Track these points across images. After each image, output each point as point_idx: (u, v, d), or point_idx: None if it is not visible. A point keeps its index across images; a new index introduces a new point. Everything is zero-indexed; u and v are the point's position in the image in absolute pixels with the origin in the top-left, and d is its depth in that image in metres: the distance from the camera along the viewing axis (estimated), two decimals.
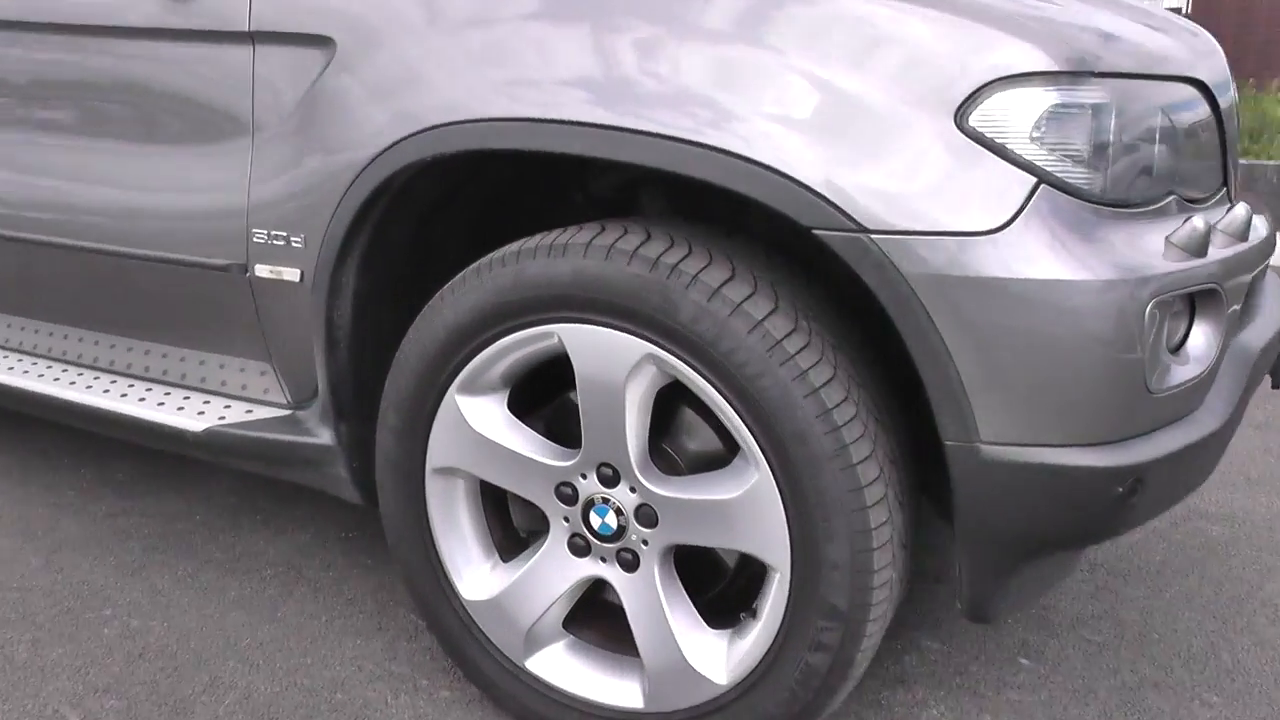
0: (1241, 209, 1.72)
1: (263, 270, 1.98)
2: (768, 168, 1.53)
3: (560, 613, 1.91)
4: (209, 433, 2.14)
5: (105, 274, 2.29)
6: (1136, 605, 2.35)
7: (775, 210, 1.54)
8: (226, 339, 2.18)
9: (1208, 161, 1.82)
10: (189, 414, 2.20)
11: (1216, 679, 2.10)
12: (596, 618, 1.97)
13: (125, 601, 2.36)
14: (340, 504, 2.79)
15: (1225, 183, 1.88)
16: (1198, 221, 1.58)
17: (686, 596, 1.83)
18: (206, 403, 2.22)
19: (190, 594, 2.40)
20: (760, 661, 1.72)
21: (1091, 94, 1.53)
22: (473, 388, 1.83)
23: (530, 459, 1.81)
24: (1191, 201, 1.75)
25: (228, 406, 2.20)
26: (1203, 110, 1.77)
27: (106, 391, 2.31)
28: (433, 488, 1.92)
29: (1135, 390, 1.55)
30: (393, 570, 2.50)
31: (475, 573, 1.95)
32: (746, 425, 1.61)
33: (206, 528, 2.72)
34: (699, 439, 1.84)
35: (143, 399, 2.26)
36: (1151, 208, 1.62)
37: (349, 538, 2.67)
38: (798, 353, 1.58)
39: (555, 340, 1.72)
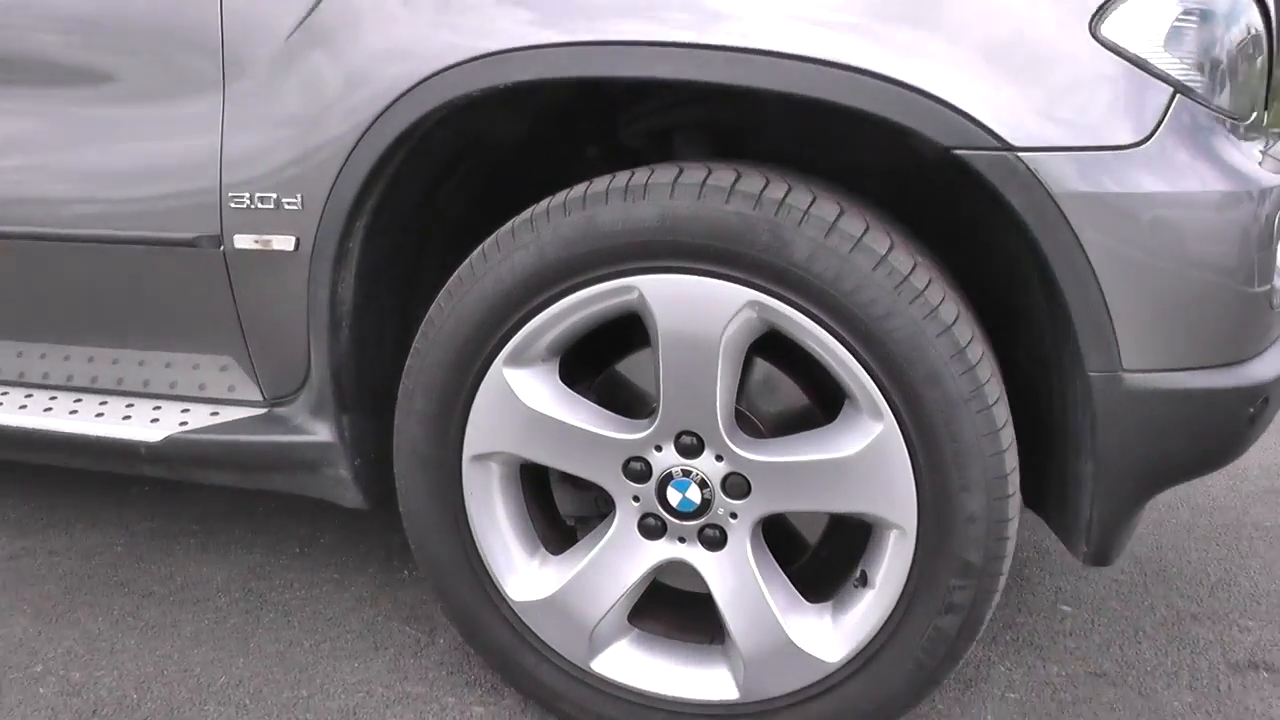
0: None
1: (244, 241, 1.66)
2: (907, 86, 1.36)
3: (628, 605, 1.68)
4: (169, 442, 1.79)
5: (27, 263, 1.90)
6: (1144, 541, 2.35)
7: (911, 132, 1.38)
8: (182, 333, 1.83)
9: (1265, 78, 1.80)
10: (138, 423, 1.84)
11: (1244, 604, 2.11)
12: (658, 606, 1.77)
13: (57, 653, 1.97)
14: (286, 516, 2.48)
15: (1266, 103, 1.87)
16: None
17: (781, 571, 1.66)
18: (157, 409, 1.86)
19: (135, 635, 2.02)
20: (879, 632, 1.56)
21: (1213, 1, 1.46)
22: (522, 359, 1.58)
23: (595, 434, 1.58)
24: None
25: (185, 411, 1.85)
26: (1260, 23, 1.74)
27: (23, 408, 1.91)
28: (471, 478, 1.65)
29: (1262, 306, 1.49)
30: (371, 582, 2.20)
31: (523, 571, 1.70)
32: (870, 372, 1.45)
33: (133, 558, 2.32)
34: (782, 398, 1.67)
35: (74, 412, 1.88)
36: (1248, 121, 1.57)
37: (304, 552, 2.34)
38: (925, 289, 1.42)
39: (633, 296, 1.50)
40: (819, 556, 1.75)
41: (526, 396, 1.58)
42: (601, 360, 1.73)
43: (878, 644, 1.56)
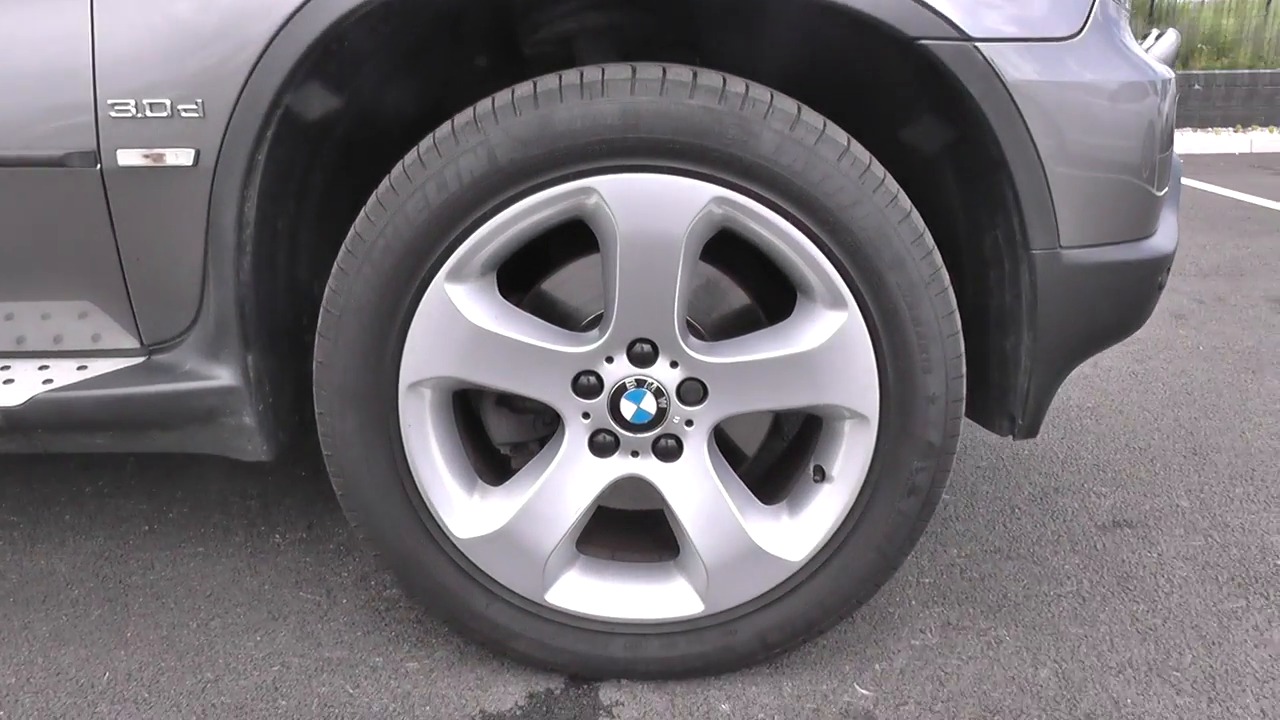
0: (1173, 34, 1.84)
1: (129, 157, 1.42)
2: None
3: (578, 530, 1.59)
4: (34, 405, 1.51)
5: None
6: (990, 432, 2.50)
7: (879, 24, 1.37)
8: (35, 276, 1.54)
9: None
10: None
11: (1092, 474, 2.28)
12: (597, 530, 1.70)
13: None
14: (119, 496, 2.20)
15: None
16: (1173, 35, 1.67)
17: (735, 475, 1.62)
18: (5, 368, 1.57)
19: None
20: (842, 524, 1.56)
21: None
22: (464, 273, 1.44)
23: (543, 349, 1.48)
24: None
25: (44, 368, 1.57)
26: None
27: None
28: (407, 408, 1.50)
29: (1157, 188, 1.61)
30: (242, 551, 1.98)
31: (465, 507, 1.58)
32: (834, 262, 1.43)
33: None
34: (725, 301, 1.63)
35: None
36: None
37: (154, 530, 2.07)
38: (885, 179, 1.43)
39: (587, 200, 1.41)
40: (760, 462, 1.74)
41: (470, 314, 1.45)
42: (520, 281, 1.63)
43: (841, 536, 1.57)
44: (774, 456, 1.75)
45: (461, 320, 1.45)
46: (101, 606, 1.83)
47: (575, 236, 1.62)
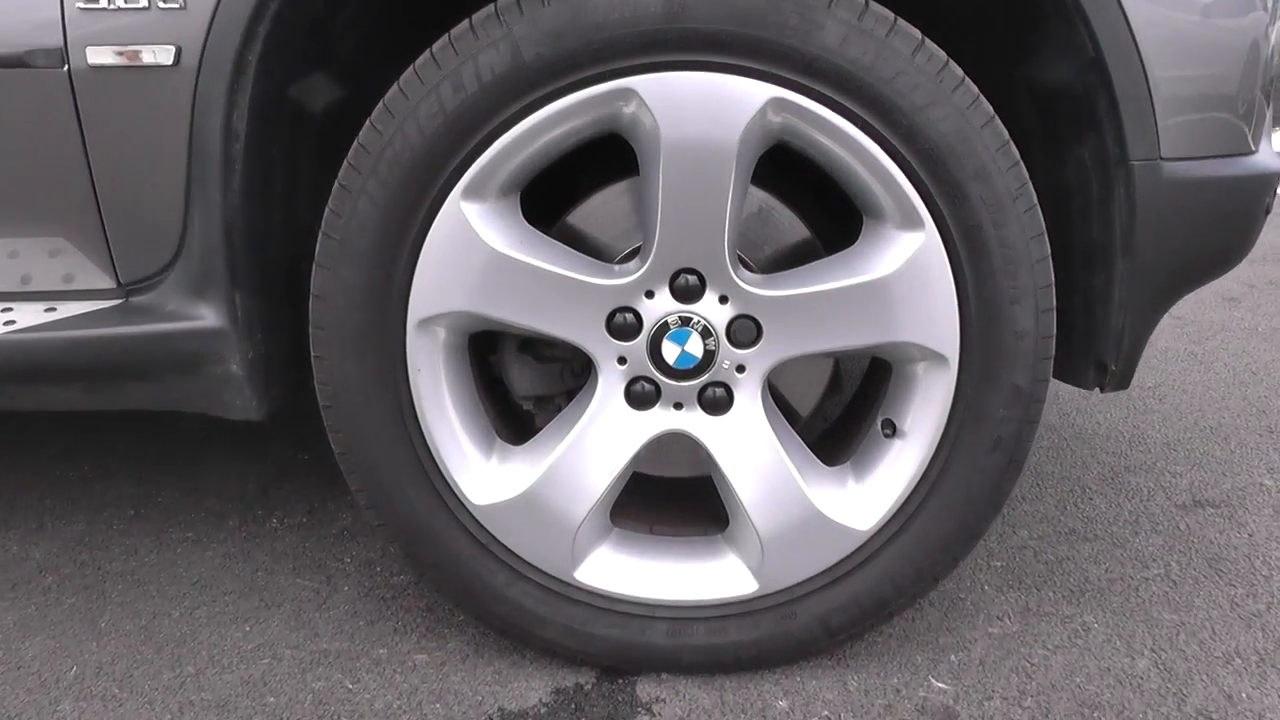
0: None
1: (100, 55, 1.20)
2: None
3: (612, 496, 1.36)
4: None
5: None
6: (1048, 409, 2.27)
7: None
8: None
9: None
10: None
11: (1163, 453, 2.04)
12: (632, 500, 1.46)
13: None
14: (105, 479, 1.99)
15: None
16: None
17: (793, 430, 1.39)
18: None
19: None
20: (917, 486, 1.33)
21: None
22: (483, 191, 1.22)
23: (574, 279, 1.25)
24: None
25: (6, 310, 1.35)
26: None
27: None
28: (417, 350, 1.27)
29: (1267, 102, 1.39)
30: (235, 535, 1.74)
31: (482, 468, 1.35)
32: (909, 173, 1.21)
33: None
34: (779, 230, 1.40)
35: None
36: None
37: (140, 514, 1.84)
38: (964, 79, 1.21)
39: (624, 107, 1.18)
40: (818, 419, 1.50)
41: (489, 237, 1.23)
42: (545, 215, 1.41)
43: (916, 500, 1.33)
44: (834, 413, 1.52)
45: (479, 244, 1.23)
46: (76, 594, 1.59)
47: (607, 165, 1.41)
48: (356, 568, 1.65)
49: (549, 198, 1.41)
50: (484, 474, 1.34)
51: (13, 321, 1.31)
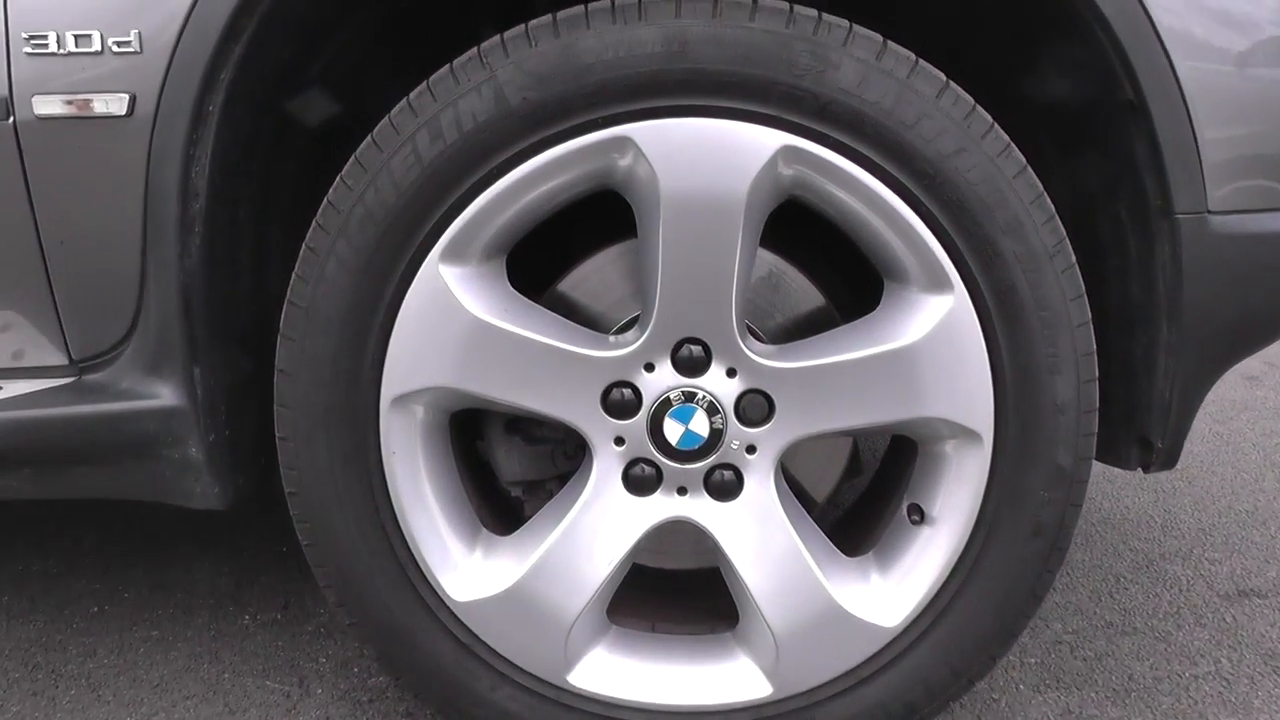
0: None
1: (47, 105, 1.07)
2: None
3: (610, 592, 1.19)
4: None
5: None
6: None
7: None
8: None
9: None
10: None
11: (1199, 539, 1.85)
12: (632, 594, 1.29)
13: None
14: (71, 575, 1.82)
15: None
16: None
17: (810, 517, 1.23)
18: None
19: None
20: (950, 578, 1.16)
21: None
22: (465, 253, 1.08)
23: (564, 351, 1.10)
24: None
25: None
26: None
27: None
28: (392, 430, 1.12)
29: None
30: (203, 634, 1.55)
31: (465, 561, 1.18)
32: (935, 229, 1.07)
33: None
34: (791, 297, 1.25)
35: None
36: None
37: (105, 611, 1.65)
38: (994, 125, 1.08)
39: (619, 159, 1.05)
40: (836, 505, 1.34)
41: (471, 304, 1.08)
42: (534, 283, 1.26)
43: (948, 594, 1.16)
44: (853, 497, 1.35)
45: (460, 312, 1.08)
46: (23, 701, 1.40)
47: (601, 227, 1.27)
48: (332, 668, 1.47)
49: (537, 264, 1.27)
50: (467, 568, 1.17)
51: None
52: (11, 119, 1.08)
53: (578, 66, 1.03)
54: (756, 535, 1.16)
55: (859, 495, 1.40)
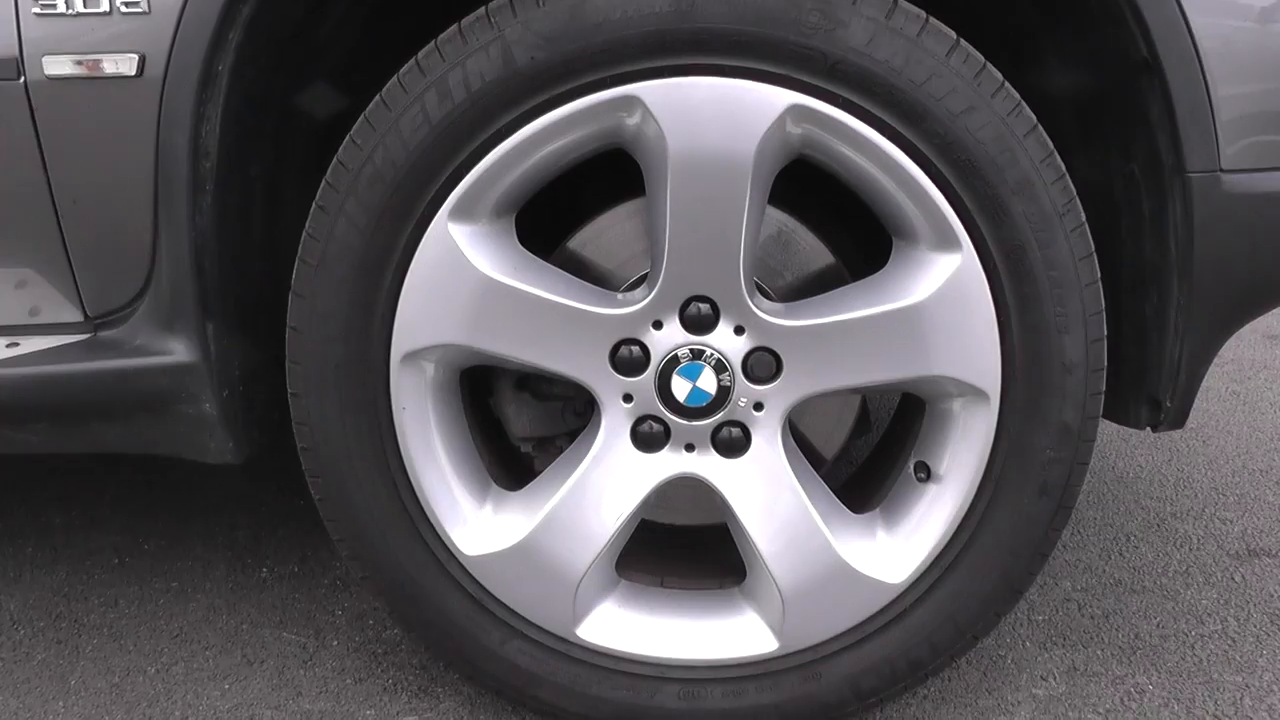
0: None
1: (57, 65, 1.08)
2: None
3: (618, 547, 1.21)
4: None
5: None
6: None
7: None
8: None
9: None
10: None
11: (1211, 498, 1.85)
12: (639, 549, 1.30)
13: None
14: (91, 526, 1.86)
15: None
16: None
17: (817, 474, 1.24)
18: None
19: None
20: (955, 535, 1.17)
21: None
22: (473, 211, 1.09)
23: (573, 309, 1.11)
24: None
25: None
26: None
27: None
28: (402, 386, 1.13)
29: None
30: (222, 586, 1.59)
31: (475, 516, 1.20)
32: (944, 188, 1.07)
33: None
34: (801, 255, 1.26)
35: None
36: None
37: (125, 563, 1.69)
38: (1004, 84, 1.07)
39: (627, 117, 1.05)
40: (844, 463, 1.35)
41: (480, 262, 1.09)
42: (543, 243, 1.27)
43: (953, 551, 1.17)
44: (861, 455, 1.36)
45: (469, 270, 1.09)
46: (48, 649, 1.45)
47: (612, 185, 1.27)
48: (347, 621, 1.50)
49: (548, 222, 1.28)
50: (477, 523, 1.19)
51: None
52: (22, 79, 1.09)
53: (585, 25, 1.03)
54: (764, 492, 1.18)
55: (868, 452, 1.41)
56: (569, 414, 1.29)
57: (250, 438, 1.25)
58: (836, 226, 1.28)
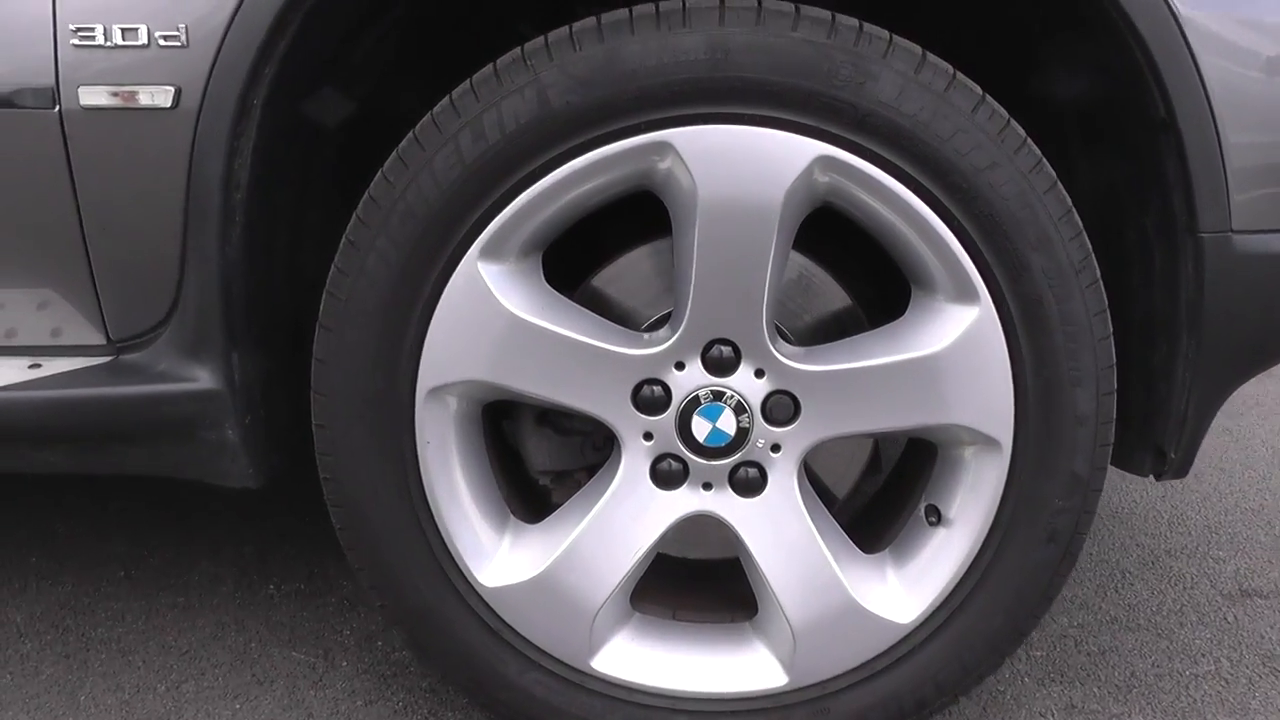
0: None
1: (93, 95, 1.09)
2: None
3: (633, 581, 1.23)
4: None
5: None
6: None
7: None
8: None
9: None
10: None
11: (1205, 537, 1.88)
12: (654, 581, 1.32)
13: None
14: (95, 537, 1.87)
15: None
16: None
17: (830, 515, 1.26)
18: None
19: None
20: (964, 578, 1.19)
21: None
22: (502, 250, 1.11)
23: (599, 349, 1.13)
24: None
25: None
26: None
27: None
28: (427, 421, 1.15)
29: None
30: (229, 603, 1.60)
31: (494, 548, 1.21)
32: (965, 241, 1.09)
33: None
34: (819, 298, 1.28)
35: None
36: None
37: (131, 576, 1.69)
38: (1027, 140, 1.10)
39: (657, 162, 1.07)
40: (853, 501, 1.37)
41: (509, 301, 1.11)
42: (565, 278, 1.28)
43: (962, 593, 1.20)
44: (870, 494, 1.38)
45: (498, 308, 1.11)
46: (56, 664, 1.45)
47: (633, 224, 1.29)
48: (356, 641, 1.51)
49: (569, 256, 1.29)
50: (496, 555, 1.21)
51: None
52: (57, 108, 1.10)
53: (622, 72, 1.05)
54: (778, 531, 1.19)
55: (876, 491, 1.43)
56: (588, 449, 1.30)
57: (270, 462, 1.26)
58: (853, 270, 1.30)
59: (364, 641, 1.52)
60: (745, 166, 1.07)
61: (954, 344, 1.12)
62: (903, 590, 1.21)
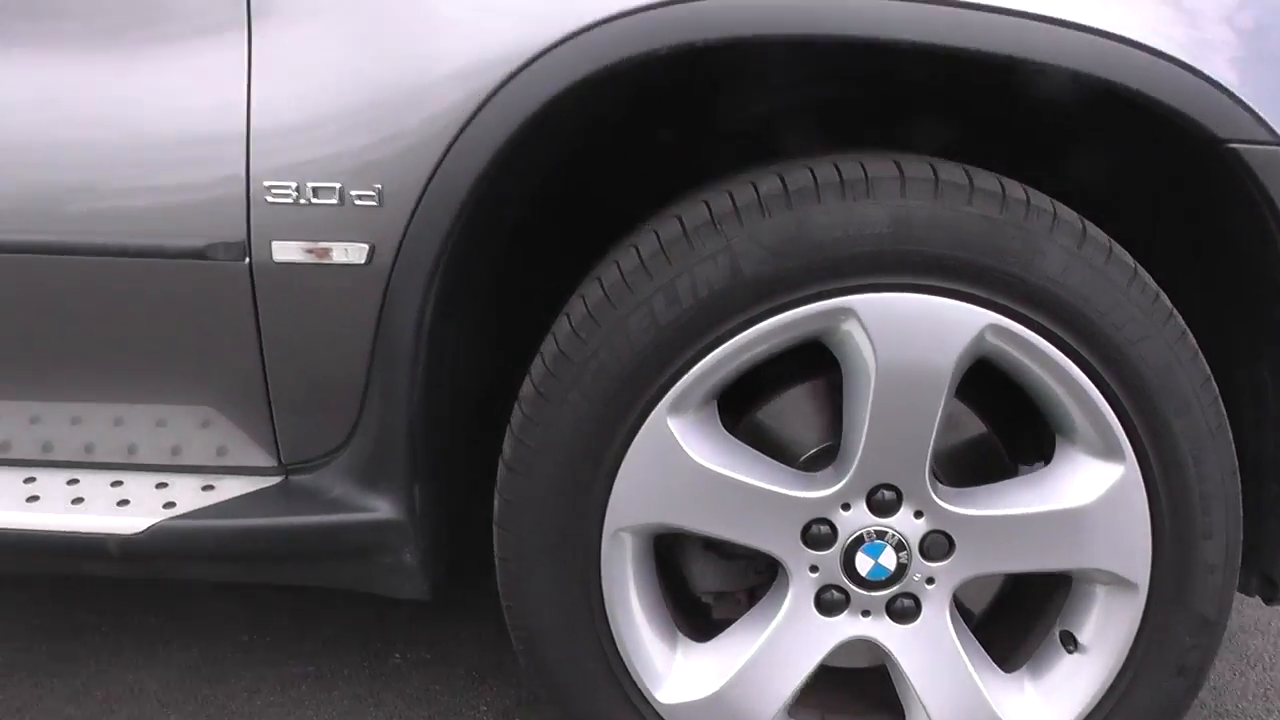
0: None
1: (287, 251, 1.15)
2: (1199, 73, 1.10)
3: (796, 697, 1.32)
4: (155, 534, 1.23)
5: None
6: None
7: (1179, 118, 1.11)
8: (144, 376, 1.28)
9: None
10: (99, 510, 1.25)
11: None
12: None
13: None
14: (210, 596, 1.88)
15: None
16: None
17: (975, 638, 1.34)
18: (118, 485, 1.29)
19: None
20: (1101, 702, 1.28)
21: None
22: (686, 404, 1.19)
23: (774, 493, 1.22)
24: None
25: (162, 486, 1.29)
26: None
27: None
28: (611, 558, 1.24)
29: None
30: (361, 673, 1.67)
31: (668, 666, 1.30)
32: (1115, 405, 1.18)
33: (24, 671, 1.67)
34: (970, 443, 1.35)
35: None
36: None
37: (252, 640, 1.77)
38: (1173, 311, 1.18)
39: (839, 323, 1.15)
40: (992, 625, 1.45)
41: (694, 451, 1.19)
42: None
43: (1100, 716, 1.29)
44: (1004, 615, 1.47)
45: (685, 459, 1.19)
46: None
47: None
48: (493, 716, 1.59)
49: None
50: (671, 672, 1.30)
51: (173, 504, 1.26)
52: (248, 260, 1.16)
53: (811, 243, 1.12)
54: (929, 653, 1.29)
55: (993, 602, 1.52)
56: (751, 572, 1.39)
57: (441, 577, 1.33)
58: (996, 406, 1.37)
59: (501, 716, 1.60)
60: (922, 333, 1.15)
61: (1100, 499, 1.21)
62: (1042, 708, 1.30)
